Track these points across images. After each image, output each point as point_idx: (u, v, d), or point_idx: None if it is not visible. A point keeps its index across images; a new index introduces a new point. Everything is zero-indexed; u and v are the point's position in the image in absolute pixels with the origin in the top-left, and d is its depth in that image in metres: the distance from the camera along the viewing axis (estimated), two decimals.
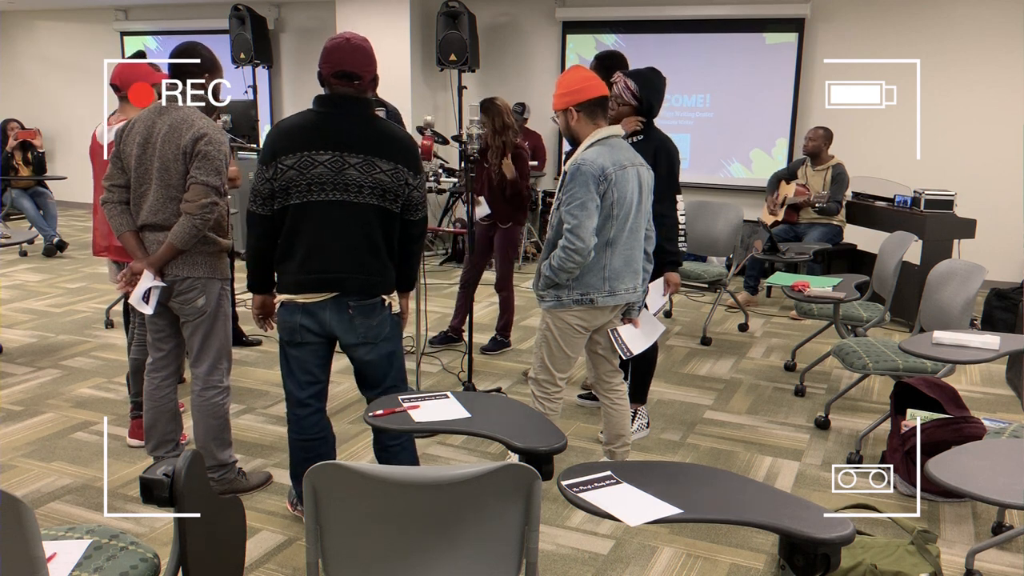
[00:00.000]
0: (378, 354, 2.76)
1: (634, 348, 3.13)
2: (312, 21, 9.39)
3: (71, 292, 6.46)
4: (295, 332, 2.72)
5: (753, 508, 1.65)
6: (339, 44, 2.65)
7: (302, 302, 2.67)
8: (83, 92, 10.81)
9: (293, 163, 2.59)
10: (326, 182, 2.59)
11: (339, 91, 2.65)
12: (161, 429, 3.19)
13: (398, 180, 2.64)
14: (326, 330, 2.70)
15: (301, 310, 2.68)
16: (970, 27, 6.95)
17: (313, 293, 2.65)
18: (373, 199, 2.62)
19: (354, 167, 2.59)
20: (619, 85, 3.58)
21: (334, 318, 2.68)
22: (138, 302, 2.92)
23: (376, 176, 2.61)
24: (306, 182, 2.59)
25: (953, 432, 3.19)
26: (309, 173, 2.58)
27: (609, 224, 2.87)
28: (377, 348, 2.75)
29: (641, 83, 3.57)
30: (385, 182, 2.62)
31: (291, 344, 2.76)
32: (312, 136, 2.60)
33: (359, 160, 2.60)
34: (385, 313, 2.76)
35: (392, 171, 2.63)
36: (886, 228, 5.81)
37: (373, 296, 2.70)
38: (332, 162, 2.59)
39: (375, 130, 2.65)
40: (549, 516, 3.09)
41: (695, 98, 7.93)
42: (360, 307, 2.68)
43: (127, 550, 1.95)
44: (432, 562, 1.63)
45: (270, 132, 2.68)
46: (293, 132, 2.63)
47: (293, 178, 2.59)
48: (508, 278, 5.02)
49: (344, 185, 2.59)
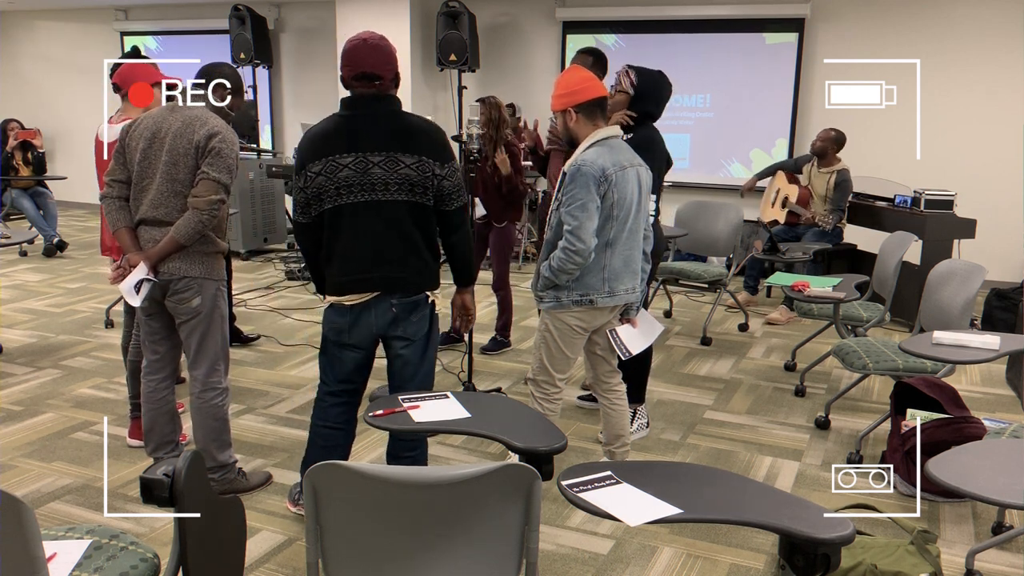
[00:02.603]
0: (414, 351, 2.77)
1: (633, 348, 3.13)
2: (312, 21, 9.39)
3: (71, 292, 6.46)
4: (341, 333, 2.75)
5: (753, 508, 1.65)
6: (357, 45, 2.65)
7: (348, 304, 2.69)
8: (83, 92, 10.81)
9: (320, 169, 2.62)
10: (353, 184, 2.61)
11: (360, 92, 2.66)
12: (160, 431, 3.19)
13: (424, 172, 2.63)
14: (372, 333, 2.72)
15: (348, 312, 2.71)
16: (970, 27, 6.95)
17: (355, 294, 2.68)
18: (402, 195, 2.62)
19: (378, 165, 2.60)
20: (620, 73, 3.57)
21: (379, 317, 2.70)
22: (128, 291, 2.90)
23: (401, 171, 2.61)
24: (334, 186, 2.61)
25: (953, 432, 3.19)
26: (336, 177, 2.61)
27: (609, 225, 2.87)
28: (414, 345, 2.77)
29: (644, 78, 3.54)
30: (411, 176, 2.62)
31: (335, 344, 2.78)
32: (335, 141, 2.62)
33: (382, 158, 2.60)
34: (427, 310, 2.77)
35: (417, 164, 2.62)
36: (886, 228, 5.82)
37: (415, 293, 2.71)
38: (356, 164, 2.60)
39: (397, 126, 2.64)
40: (549, 516, 3.09)
41: (695, 98, 7.93)
42: (403, 304, 2.70)
43: (127, 550, 1.95)
44: (432, 562, 1.63)
45: (300, 142, 2.73)
46: (317, 139, 2.66)
47: (322, 184, 2.62)
48: (505, 277, 5.02)
49: (371, 185, 2.61)
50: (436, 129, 2.72)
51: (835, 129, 6.23)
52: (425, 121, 2.72)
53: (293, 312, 5.97)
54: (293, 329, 5.53)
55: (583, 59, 4.01)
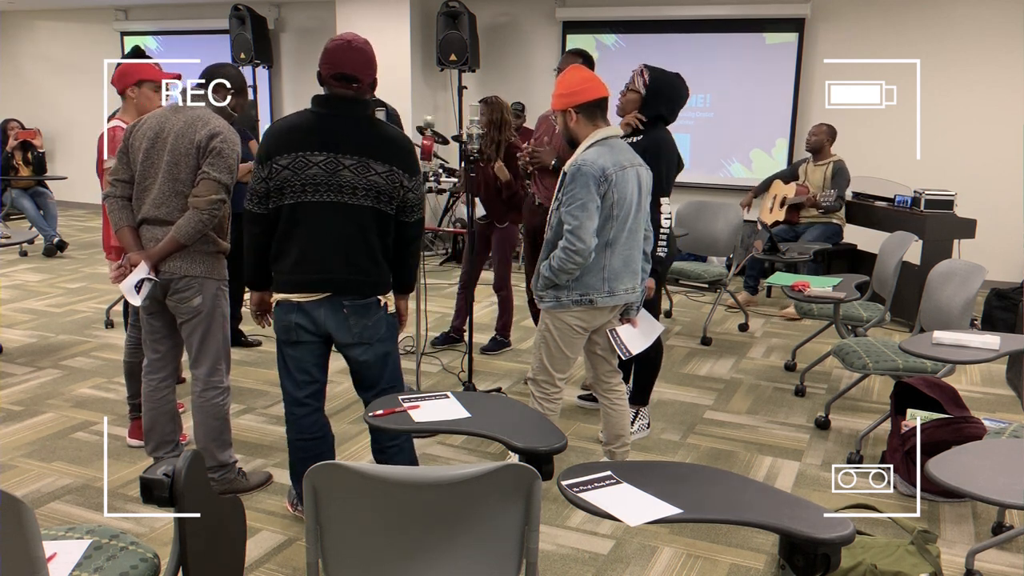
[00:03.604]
0: (373, 355, 2.76)
1: (633, 348, 3.13)
2: (312, 21, 9.39)
3: (71, 292, 6.46)
4: (291, 331, 2.72)
5: (753, 508, 1.65)
6: (340, 46, 2.65)
7: (297, 301, 2.68)
8: (83, 92, 10.81)
9: (287, 163, 2.60)
10: (320, 183, 2.59)
11: (337, 92, 2.66)
12: (160, 430, 3.19)
13: (393, 182, 2.64)
14: (321, 329, 2.71)
15: (297, 309, 2.69)
16: (970, 27, 6.95)
17: (307, 292, 2.66)
18: (368, 201, 2.62)
19: (348, 169, 2.60)
20: (635, 72, 3.55)
21: (329, 317, 2.68)
22: (129, 291, 2.91)
23: (371, 178, 2.61)
24: (300, 182, 2.60)
25: (953, 432, 3.19)
26: (303, 174, 2.59)
27: (609, 225, 2.87)
28: (372, 348, 2.75)
29: (657, 79, 3.50)
30: (380, 184, 2.62)
31: (287, 343, 2.76)
32: (307, 137, 2.61)
33: (354, 162, 2.60)
34: (380, 314, 2.76)
35: (387, 173, 2.63)
36: (886, 228, 5.81)
37: (368, 296, 2.71)
38: (326, 163, 2.59)
39: (371, 132, 2.65)
40: (549, 516, 3.09)
41: (695, 98, 7.92)
42: (355, 307, 2.69)
43: (127, 550, 1.95)
44: (432, 562, 1.63)
45: (266, 131, 2.69)
46: (289, 132, 2.64)
47: (287, 178, 2.60)
48: (506, 278, 5.02)
49: (338, 186, 2.60)
50: (408, 140, 2.74)
51: (826, 124, 6.26)
52: (398, 132, 2.73)
53: None
54: None
55: (572, 59, 3.99)
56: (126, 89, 3.49)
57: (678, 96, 3.57)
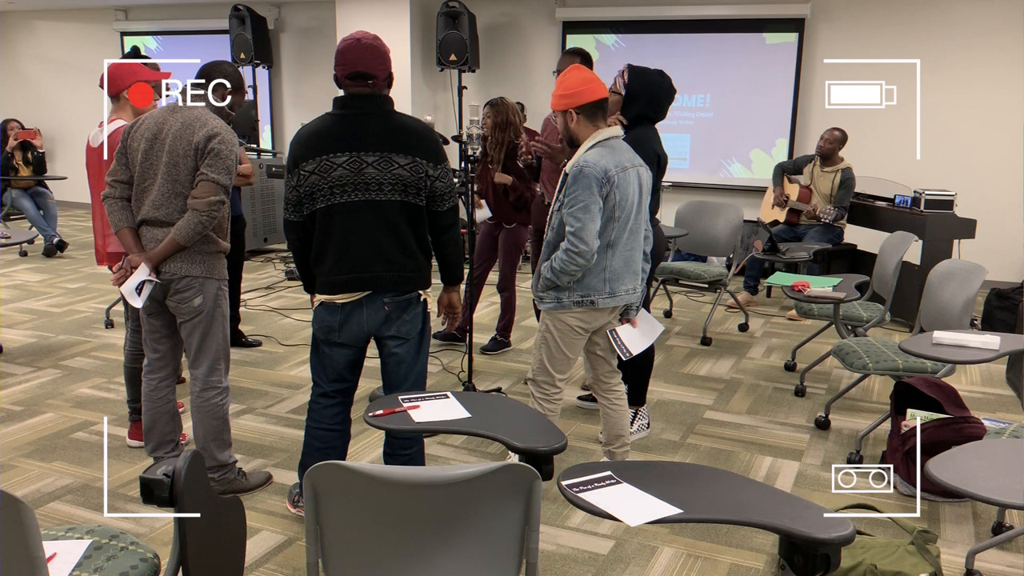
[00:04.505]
0: (408, 349, 2.79)
1: (633, 348, 3.12)
2: (312, 21, 9.39)
3: (71, 292, 6.46)
4: (331, 332, 2.75)
5: (753, 508, 1.65)
6: (351, 45, 2.66)
7: (340, 302, 2.70)
8: (83, 92, 10.80)
9: (314, 168, 2.63)
10: (347, 183, 2.62)
11: (354, 91, 2.67)
12: (160, 430, 3.19)
13: (417, 173, 2.65)
14: (364, 331, 2.73)
15: (339, 310, 2.71)
16: (970, 27, 6.95)
17: (347, 293, 2.69)
18: (395, 195, 2.64)
19: (372, 165, 2.62)
20: (617, 73, 3.55)
21: (371, 316, 2.71)
22: (130, 293, 2.91)
23: (395, 172, 2.63)
24: (328, 185, 2.62)
25: (953, 432, 3.19)
26: (330, 176, 2.62)
27: (611, 226, 2.87)
28: (409, 344, 2.79)
29: (635, 79, 3.47)
30: (405, 177, 2.64)
31: (325, 343, 2.79)
32: (329, 140, 2.63)
33: (376, 158, 2.62)
34: (419, 309, 2.79)
35: (411, 165, 2.64)
36: (886, 228, 5.82)
37: (407, 292, 2.73)
38: (350, 163, 2.61)
39: (391, 126, 2.66)
40: (549, 516, 3.09)
41: (695, 98, 7.93)
42: (395, 303, 2.72)
43: (127, 550, 1.95)
44: (432, 562, 1.63)
45: (292, 140, 2.73)
46: (311, 138, 2.66)
47: (316, 183, 2.63)
48: (511, 278, 5.01)
49: (364, 184, 2.62)
50: (429, 130, 2.74)
51: (839, 129, 6.23)
52: (418, 122, 2.73)
53: (293, 312, 5.97)
54: (293, 329, 5.53)
55: (570, 59, 3.98)
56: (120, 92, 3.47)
57: (660, 94, 3.51)
